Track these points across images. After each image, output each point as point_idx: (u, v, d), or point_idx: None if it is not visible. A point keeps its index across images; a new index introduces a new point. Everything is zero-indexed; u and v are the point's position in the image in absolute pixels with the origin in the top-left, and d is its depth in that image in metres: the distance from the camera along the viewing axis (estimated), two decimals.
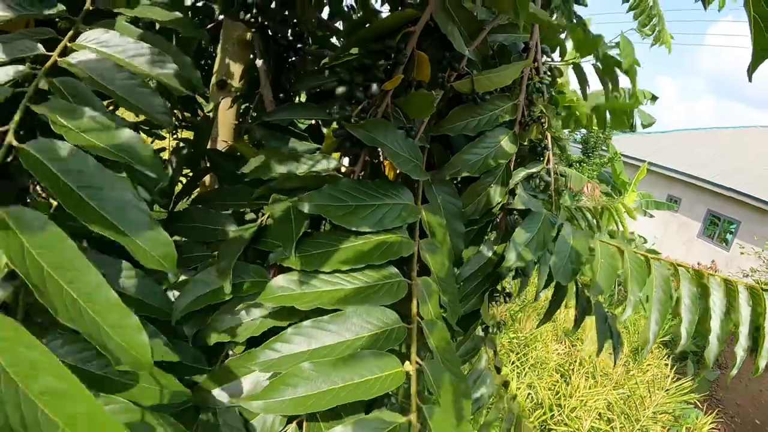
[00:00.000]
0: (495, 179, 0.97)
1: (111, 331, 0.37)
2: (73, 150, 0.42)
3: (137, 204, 0.41)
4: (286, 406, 0.49)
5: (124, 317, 0.38)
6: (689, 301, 0.90)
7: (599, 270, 0.88)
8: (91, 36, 0.61)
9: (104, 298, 0.38)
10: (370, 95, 0.75)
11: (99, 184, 0.41)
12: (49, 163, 0.41)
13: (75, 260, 0.37)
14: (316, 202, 0.62)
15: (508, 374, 3.21)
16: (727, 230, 11.10)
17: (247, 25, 1.17)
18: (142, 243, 0.40)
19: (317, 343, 0.54)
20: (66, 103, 0.48)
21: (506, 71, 0.92)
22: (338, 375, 0.50)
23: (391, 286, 0.61)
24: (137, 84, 0.55)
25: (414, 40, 0.84)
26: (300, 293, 0.57)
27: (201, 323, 0.65)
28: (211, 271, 0.62)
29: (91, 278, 0.37)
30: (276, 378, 0.50)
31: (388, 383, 0.51)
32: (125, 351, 0.37)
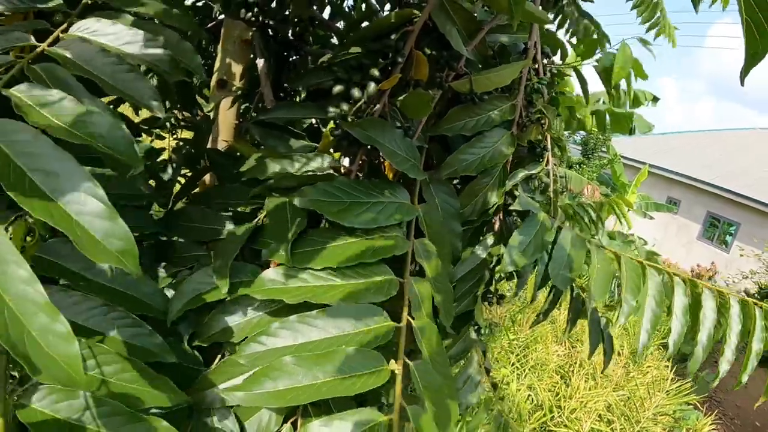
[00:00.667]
0: (492, 180, 0.97)
1: (37, 335, 0.33)
2: (30, 130, 0.40)
3: (94, 191, 0.38)
4: (266, 397, 0.49)
5: (54, 321, 0.34)
6: (680, 312, 0.90)
7: (595, 276, 0.88)
8: (83, 25, 0.61)
9: (32, 297, 0.33)
10: (368, 94, 0.75)
11: (52, 168, 0.38)
12: (3, 143, 0.39)
13: (4, 249, 0.34)
14: (311, 198, 0.62)
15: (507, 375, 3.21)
16: (727, 232, 11.09)
17: (248, 24, 1.17)
18: (95, 234, 0.36)
19: (303, 338, 0.54)
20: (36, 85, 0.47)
21: (505, 71, 0.92)
22: (320, 370, 0.51)
23: (381, 285, 0.61)
24: (124, 69, 0.54)
25: (412, 39, 0.84)
26: (289, 287, 0.57)
27: (197, 323, 0.65)
28: (207, 270, 0.62)
29: (20, 272, 0.34)
30: (258, 370, 0.50)
31: (372, 381, 0.51)
32: (54, 362, 0.33)
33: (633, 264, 0.90)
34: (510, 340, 3.68)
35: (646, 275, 0.90)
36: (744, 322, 0.92)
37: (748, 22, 0.51)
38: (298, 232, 0.62)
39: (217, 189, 0.91)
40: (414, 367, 0.56)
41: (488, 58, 1.01)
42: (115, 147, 0.41)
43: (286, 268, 0.59)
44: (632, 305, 0.86)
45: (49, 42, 0.58)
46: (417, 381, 0.55)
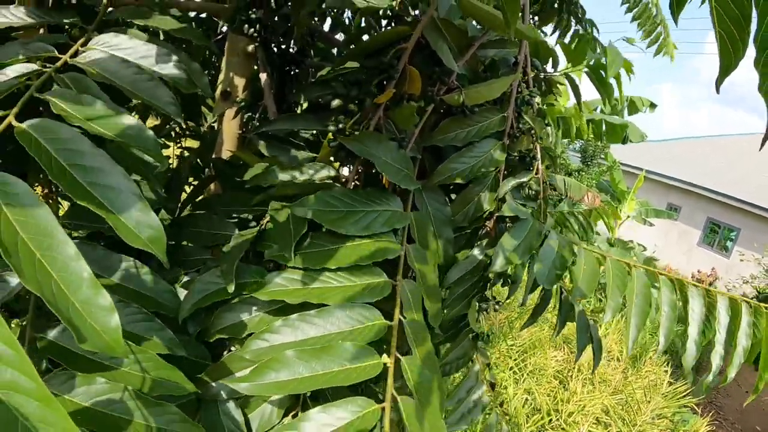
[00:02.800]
0: (484, 188, 1.02)
1: (80, 307, 0.37)
2: (69, 131, 0.45)
3: (128, 186, 0.43)
4: (270, 387, 0.54)
5: (97, 295, 0.37)
6: (668, 308, 0.95)
7: (581, 276, 0.92)
8: (101, 40, 0.66)
9: (77, 272, 0.37)
10: (364, 108, 0.80)
11: (92, 165, 0.43)
12: (44, 140, 0.44)
13: (53, 229, 0.38)
14: (310, 207, 0.67)
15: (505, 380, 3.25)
16: (728, 237, 11.12)
17: (251, 39, 1.23)
18: (129, 223, 0.42)
19: (303, 335, 0.59)
20: (68, 91, 0.52)
21: (495, 85, 0.97)
22: (319, 363, 0.55)
23: (375, 286, 0.66)
24: (145, 78, 0.59)
25: (406, 55, 0.89)
26: (291, 289, 0.62)
27: (204, 322, 0.70)
28: (215, 272, 0.66)
29: (68, 250, 0.37)
30: (262, 363, 0.55)
31: (366, 372, 0.56)
32: (95, 332, 0.37)
33: (618, 264, 0.95)
34: (509, 346, 3.72)
35: (632, 274, 0.94)
36: (732, 318, 0.96)
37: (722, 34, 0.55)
38: (299, 236, 0.67)
39: (220, 197, 0.96)
40: (405, 361, 0.61)
41: (479, 72, 1.06)
42: (145, 146, 0.47)
43: (289, 272, 0.64)
44: (618, 302, 0.90)
45: (70, 54, 0.64)
46: (407, 374, 0.60)
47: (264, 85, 1.23)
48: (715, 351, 0.93)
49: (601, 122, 5.91)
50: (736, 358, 0.93)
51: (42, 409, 0.29)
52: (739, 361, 0.94)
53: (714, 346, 0.93)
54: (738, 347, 0.93)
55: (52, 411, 0.30)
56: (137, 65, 0.61)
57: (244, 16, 1.13)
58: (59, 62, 0.60)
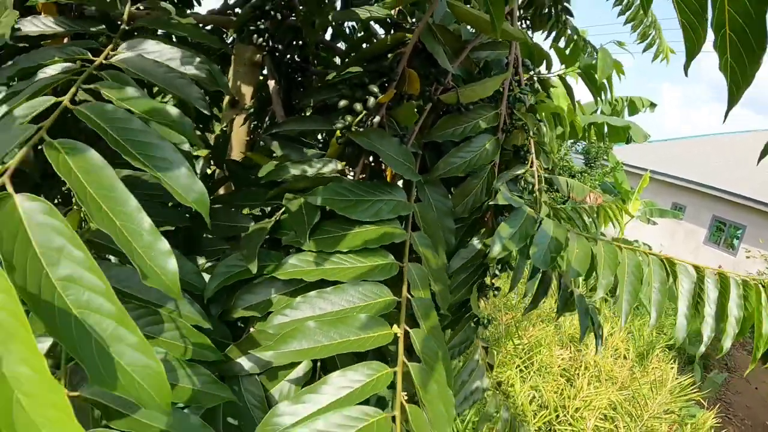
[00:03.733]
0: (481, 181, 1.09)
1: (143, 253, 0.43)
2: (120, 110, 0.52)
3: (177, 157, 0.50)
4: (292, 354, 0.60)
5: (156, 242, 0.43)
6: (658, 284, 1.01)
7: (575, 257, 0.99)
8: (132, 43, 0.75)
9: (138, 224, 0.44)
10: (368, 107, 0.87)
11: (144, 139, 0.50)
12: (98, 118, 0.51)
13: (116, 186, 0.45)
14: (323, 196, 0.74)
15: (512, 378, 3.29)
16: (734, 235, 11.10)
17: (259, 48, 1.31)
18: (178, 188, 0.49)
19: (320, 310, 0.66)
20: (112, 83, 0.60)
21: (488, 84, 1.05)
22: (336, 332, 0.62)
23: (384, 266, 0.73)
24: (176, 76, 0.68)
25: (405, 59, 0.97)
26: (308, 269, 0.69)
27: (225, 304, 0.77)
28: (237, 255, 0.73)
29: (130, 203, 0.44)
30: (285, 333, 0.62)
31: (379, 340, 0.63)
32: (156, 274, 0.43)
33: (609, 246, 1.01)
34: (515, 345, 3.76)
35: (623, 254, 1.01)
36: (722, 292, 1.01)
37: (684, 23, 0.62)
38: (312, 223, 0.74)
39: (235, 194, 1.03)
40: (413, 333, 0.68)
41: (474, 73, 1.14)
42: (184, 130, 0.55)
43: (304, 255, 0.71)
44: (610, 280, 0.96)
45: (104, 56, 0.72)
46: (415, 344, 0.67)
47: (272, 92, 1.31)
48: (705, 323, 0.98)
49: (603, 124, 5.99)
50: (730, 328, 0.98)
51: (116, 327, 0.36)
52: (733, 331, 0.99)
53: (704, 318, 0.98)
54: (730, 318, 0.98)
55: (126, 328, 0.37)
56: (167, 65, 0.69)
57: (252, 26, 1.21)
58: (96, 62, 0.68)
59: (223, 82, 0.77)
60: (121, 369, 0.38)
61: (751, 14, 0.46)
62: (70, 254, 0.38)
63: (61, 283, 0.37)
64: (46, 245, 0.38)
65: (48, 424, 0.30)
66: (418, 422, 0.57)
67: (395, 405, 0.58)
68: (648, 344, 4.90)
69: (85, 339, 0.37)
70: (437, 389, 0.64)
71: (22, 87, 0.68)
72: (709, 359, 6.19)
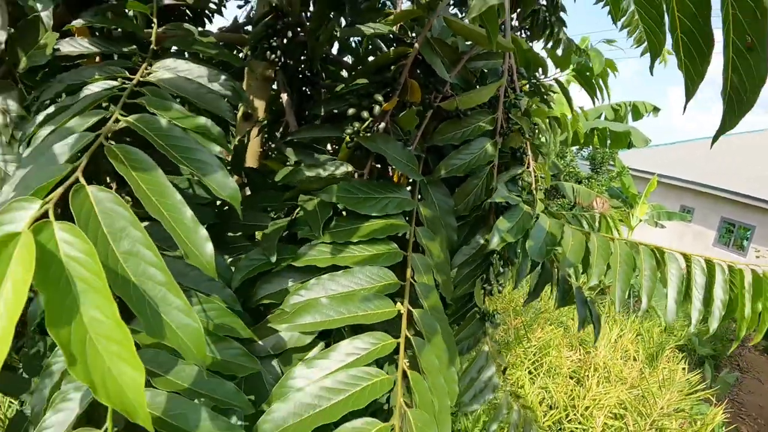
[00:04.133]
0: (481, 181, 1.17)
1: (185, 238, 0.51)
2: (164, 121, 0.62)
3: (213, 160, 0.60)
4: (305, 326, 0.69)
5: (196, 230, 0.52)
6: (649, 271, 1.08)
7: (569, 249, 1.06)
8: (164, 63, 0.85)
9: (182, 214, 0.52)
10: (374, 115, 0.96)
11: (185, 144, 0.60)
12: (146, 128, 0.61)
13: (164, 184, 0.53)
14: (336, 194, 0.82)
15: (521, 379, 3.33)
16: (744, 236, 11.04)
17: (272, 64, 1.40)
18: (215, 184, 0.58)
19: (331, 291, 0.74)
20: (153, 98, 0.70)
21: (484, 91, 1.13)
22: (345, 307, 0.70)
23: (389, 254, 0.81)
24: (206, 91, 0.78)
25: (406, 70, 1.06)
26: (322, 258, 0.78)
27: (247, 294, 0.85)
28: (258, 250, 0.82)
29: (175, 198, 0.52)
30: (299, 307, 0.70)
31: (384, 316, 0.71)
32: (195, 256, 0.51)
33: (602, 238, 1.09)
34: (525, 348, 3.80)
35: (616, 245, 1.08)
36: (708, 277, 1.08)
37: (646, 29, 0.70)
38: (326, 218, 0.83)
39: (252, 197, 1.12)
40: (416, 312, 0.76)
41: (471, 81, 1.22)
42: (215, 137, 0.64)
43: (319, 245, 0.80)
44: (602, 268, 1.03)
45: (140, 74, 0.81)
46: (419, 321, 0.74)
47: (285, 104, 1.41)
48: (693, 306, 1.05)
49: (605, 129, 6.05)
50: (716, 311, 1.05)
51: (166, 293, 0.45)
52: (719, 314, 1.05)
53: (692, 302, 1.05)
54: (716, 301, 1.05)
55: (174, 294, 0.45)
56: (198, 82, 0.79)
57: (266, 43, 1.31)
58: (134, 80, 0.78)
59: (245, 97, 0.87)
60: (167, 325, 0.46)
61: (696, 17, 0.54)
62: (130, 234, 0.47)
63: (123, 255, 0.46)
64: (112, 226, 0.47)
65: (112, 357, 0.39)
66: (419, 386, 0.65)
67: (398, 368, 0.66)
68: (658, 345, 4.91)
69: (141, 300, 0.46)
70: (437, 363, 0.72)
71: (70, 102, 0.77)
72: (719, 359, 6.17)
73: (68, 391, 0.60)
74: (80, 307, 0.39)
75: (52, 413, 0.59)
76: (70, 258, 0.40)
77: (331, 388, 0.62)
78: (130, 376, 0.39)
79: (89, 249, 0.40)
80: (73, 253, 0.40)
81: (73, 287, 0.40)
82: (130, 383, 0.39)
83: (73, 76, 0.85)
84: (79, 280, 0.40)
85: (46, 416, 0.59)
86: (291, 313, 0.70)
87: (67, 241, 0.41)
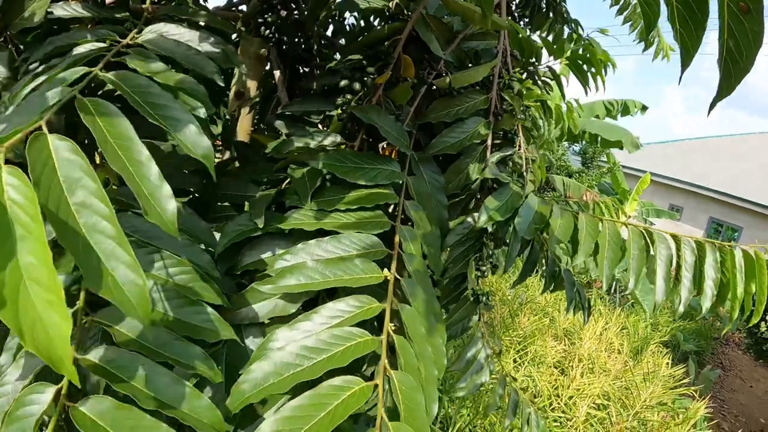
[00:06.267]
0: (473, 160, 1.17)
1: (148, 194, 0.50)
2: (141, 77, 0.61)
3: (187, 117, 0.58)
4: (289, 288, 0.68)
5: (161, 186, 0.51)
6: (637, 251, 1.08)
7: (558, 228, 1.07)
8: (154, 27, 0.84)
9: (147, 170, 0.51)
10: (366, 87, 0.95)
11: (161, 102, 0.59)
12: (123, 83, 0.60)
13: (132, 137, 0.52)
14: (325, 161, 0.82)
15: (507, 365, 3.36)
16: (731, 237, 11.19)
17: (266, 40, 1.39)
18: (187, 143, 0.57)
19: (317, 257, 0.74)
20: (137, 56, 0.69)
21: (478, 70, 1.13)
22: (331, 270, 0.70)
23: (377, 222, 0.81)
24: (194, 53, 0.77)
25: (400, 45, 1.06)
26: (308, 221, 0.77)
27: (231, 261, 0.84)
28: (245, 215, 0.81)
29: (142, 153, 0.51)
30: (284, 269, 0.69)
31: (371, 281, 0.71)
32: (157, 213, 0.50)
33: (590, 218, 1.09)
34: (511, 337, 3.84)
35: (604, 224, 1.09)
36: (698, 257, 1.09)
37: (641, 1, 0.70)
38: (314, 187, 0.82)
39: (242, 168, 1.11)
40: (403, 279, 0.76)
41: (465, 61, 1.22)
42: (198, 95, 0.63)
43: (306, 210, 0.79)
44: (590, 246, 1.04)
45: (130, 37, 0.80)
46: (404, 288, 0.75)
47: (278, 80, 1.39)
48: (682, 285, 1.05)
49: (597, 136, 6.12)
50: (708, 290, 1.05)
51: (115, 247, 0.45)
52: (711, 293, 1.06)
53: (681, 281, 1.06)
54: (707, 280, 1.05)
55: (122, 249, 0.45)
56: (186, 44, 0.78)
57: (260, 19, 1.29)
58: (123, 42, 0.77)
59: (237, 60, 0.86)
60: (113, 280, 0.46)
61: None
62: (85, 185, 0.46)
63: (75, 207, 0.45)
64: (68, 175, 0.46)
65: (43, 304, 0.39)
66: (405, 351, 0.65)
67: (383, 332, 0.66)
68: (642, 339, 4.98)
69: (89, 253, 0.45)
70: (424, 331, 0.72)
71: (57, 62, 0.76)
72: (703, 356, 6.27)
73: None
74: (17, 252, 0.39)
75: (14, 368, 0.59)
76: (13, 202, 0.40)
77: (312, 348, 0.62)
78: (58, 324, 0.39)
79: (31, 194, 0.40)
80: (17, 197, 0.40)
81: (13, 231, 0.39)
82: (57, 332, 0.39)
83: (63, 38, 0.84)
84: (19, 224, 0.39)
85: (8, 371, 0.59)
86: (275, 275, 0.69)
87: (13, 185, 0.40)
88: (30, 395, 0.54)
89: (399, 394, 0.62)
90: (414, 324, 0.71)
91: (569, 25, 2.65)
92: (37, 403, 0.53)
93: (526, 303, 4.66)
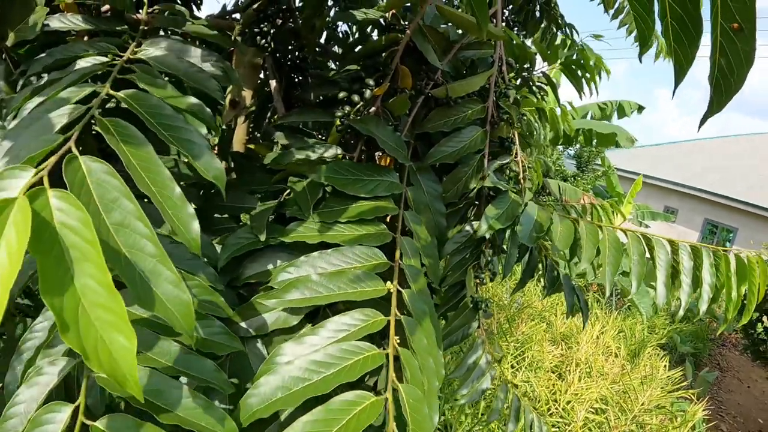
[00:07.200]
0: (471, 169, 1.18)
1: (173, 214, 0.51)
2: (154, 98, 0.61)
3: (201, 139, 0.59)
4: (294, 302, 0.68)
5: (183, 207, 0.52)
6: (637, 256, 1.09)
7: (558, 236, 1.07)
8: (155, 41, 0.84)
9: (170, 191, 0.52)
10: (364, 99, 0.96)
11: (174, 123, 0.59)
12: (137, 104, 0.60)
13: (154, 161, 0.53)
14: (325, 174, 0.82)
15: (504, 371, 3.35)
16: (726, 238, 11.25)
17: (261, 49, 1.39)
18: (201, 165, 0.58)
19: (321, 270, 0.74)
20: (144, 75, 0.69)
21: (475, 79, 1.14)
22: (334, 284, 0.70)
23: (378, 233, 0.81)
24: (196, 70, 0.77)
25: (398, 56, 1.06)
26: (310, 234, 0.77)
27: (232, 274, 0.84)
28: (246, 229, 0.81)
29: (164, 174, 0.52)
30: (288, 282, 0.69)
31: (373, 294, 0.71)
32: (182, 231, 0.52)
33: (590, 225, 1.10)
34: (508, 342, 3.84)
35: (604, 231, 1.09)
36: (695, 261, 1.10)
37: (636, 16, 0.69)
38: (315, 199, 0.83)
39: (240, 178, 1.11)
40: (405, 292, 0.76)
41: (461, 70, 1.23)
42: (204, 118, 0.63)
43: (308, 223, 0.79)
44: (592, 253, 1.05)
45: (131, 51, 0.80)
46: (408, 302, 0.75)
47: (273, 90, 1.39)
48: (681, 290, 1.07)
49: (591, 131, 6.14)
50: (705, 294, 1.07)
51: (156, 264, 0.45)
52: (707, 296, 1.07)
53: (681, 286, 1.07)
54: (704, 284, 1.07)
55: (164, 266, 0.45)
56: (188, 61, 0.78)
57: (256, 28, 1.29)
58: (125, 56, 0.77)
59: (236, 78, 0.86)
60: (157, 297, 0.46)
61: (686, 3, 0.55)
62: (122, 205, 0.46)
63: (114, 227, 0.46)
64: (104, 197, 0.46)
65: (104, 325, 0.39)
66: (410, 364, 0.65)
67: (389, 345, 0.66)
68: (639, 342, 4.98)
69: (132, 271, 0.45)
70: (426, 344, 0.72)
71: (58, 76, 0.76)
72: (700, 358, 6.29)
73: (42, 366, 0.60)
74: (73, 276, 0.39)
75: (26, 387, 0.58)
76: (64, 225, 0.40)
77: (321, 362, 0.62)
78: (122, 344, 0.39)
79: (84, 217, 0.40)
80: (67, 220, 0.40)
81: (67, 255, 0.39)
82: (121, 352, 0.39)
83: (62, 50, 0.83)
84: (72, 248, 0.39)
85: (19, 391, 0.59)
86: (279, 289, 0.69)
87: (62, 209, 0.41)
88: (46, 414, 0.53)
89: (407, 407, 0.62)
90: (417, 336, 0.71)
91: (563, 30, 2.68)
92: (54, 422, 0.53)
93: (523, 308, 4.67)
